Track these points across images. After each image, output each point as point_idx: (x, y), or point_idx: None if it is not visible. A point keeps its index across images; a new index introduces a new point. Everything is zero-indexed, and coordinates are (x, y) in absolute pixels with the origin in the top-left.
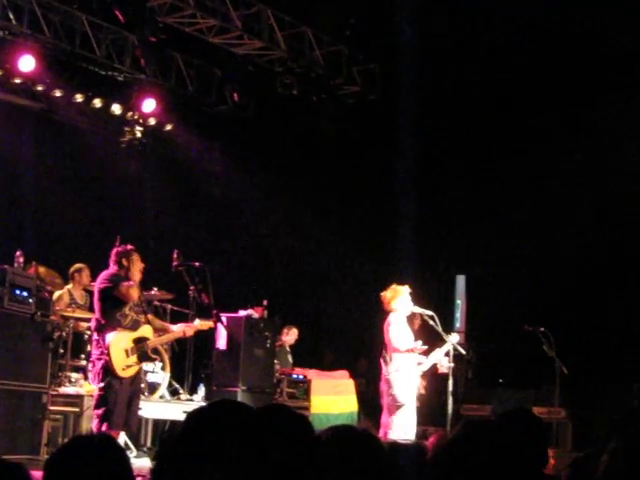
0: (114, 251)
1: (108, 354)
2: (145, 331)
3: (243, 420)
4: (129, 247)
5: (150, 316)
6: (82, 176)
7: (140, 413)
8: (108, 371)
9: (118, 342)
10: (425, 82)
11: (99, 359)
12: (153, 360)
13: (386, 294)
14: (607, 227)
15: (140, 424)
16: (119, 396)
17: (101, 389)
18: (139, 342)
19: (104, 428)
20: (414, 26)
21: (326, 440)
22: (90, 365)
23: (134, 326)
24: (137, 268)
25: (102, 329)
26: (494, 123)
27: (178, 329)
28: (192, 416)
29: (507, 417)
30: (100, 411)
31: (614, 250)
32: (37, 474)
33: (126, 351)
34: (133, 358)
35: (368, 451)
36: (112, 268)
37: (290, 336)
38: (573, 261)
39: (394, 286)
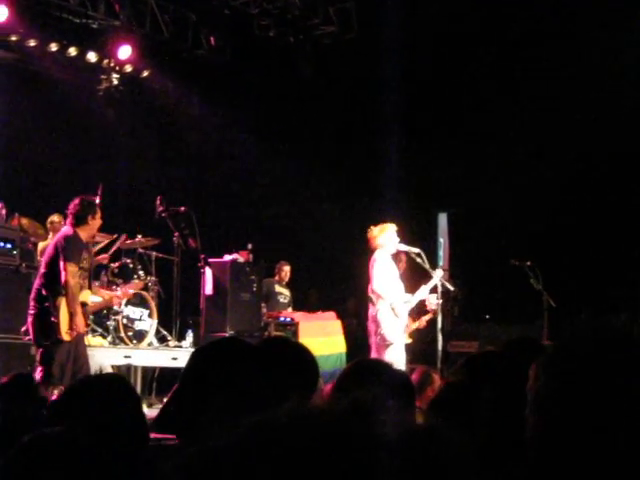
0: (77, 203)
1: (57, 316)
2: (85, 296)
3: (247, 351)
4: (93, 199)
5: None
6: (60, 126)
7: (129, 361)
8: (53, 332)
9: (65, 306)
10: (403, 16)
11: (43, 315)
12: (88, 326)
13: (373, 230)
14: (590, 159)
15: (129, 372)
16: (61, 357)
17: (44, 348)
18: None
19: (47, 386)
20: None
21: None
22: (30, 319)
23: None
24: (98, 224)
25: (54, 289)
26: (478, 58)
27: (107, 297)
28: (198, 352)
29: (513, 347)
30: (43, 367)
31: (598, 181)
32: None
33: (70, 315)
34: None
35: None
36: (71, 229)
37: (285, 272)
38: (557, 193)
39: (382, 224)
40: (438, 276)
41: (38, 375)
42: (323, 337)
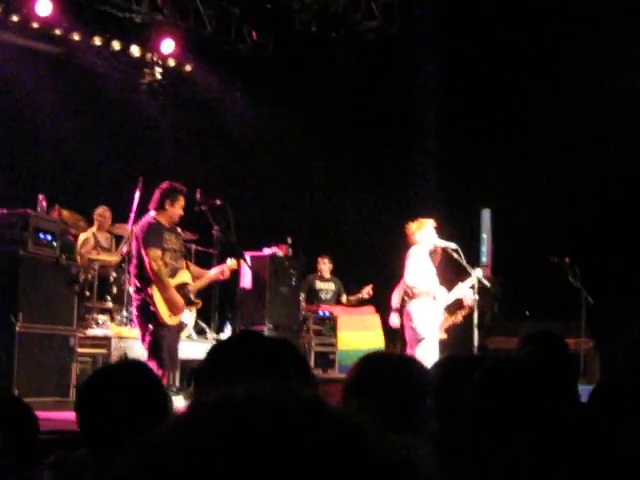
0: (160, 188)
1: (154, 303)
2: (184, 276)
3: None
4: (178, 187)
5: (188, 263)
6: (102, 119)
7: None
8: (155, 320)
9: (160, 291)
10: (446, 14)
11: (144, 306)
12: (195, 304)
13: (411, 225)
14: (632, 156)
15: None
16: (168, 342)
17: (151, 336)
18: (180, 288)
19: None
20: None
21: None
22: (134, 311)
23: (173, 273)
24: (178, 212)
25: (145, 278)
26: (519, 54)
27: (216, 271)
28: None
29: (531, 340)
30: (154, 359)
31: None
32: (67, 415)
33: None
34: None
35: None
36: (150, 216)
37: (325, 266)
38: (598, 191)
39: (420, 219)
40: (476, 275)
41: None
42: (361, 331)
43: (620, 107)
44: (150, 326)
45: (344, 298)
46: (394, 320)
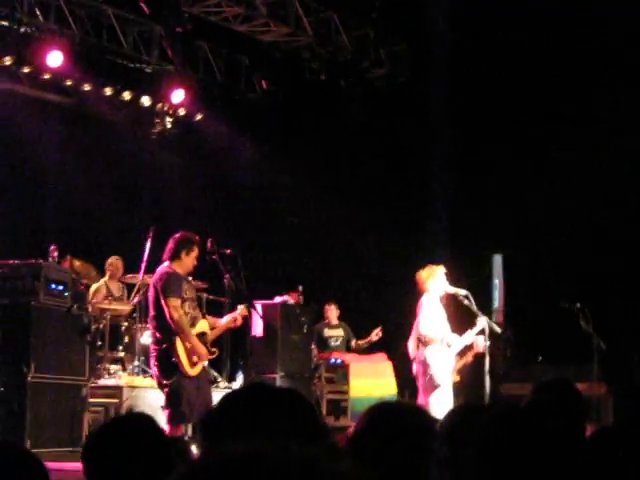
0: (174, 238)
1: (176, 354)
2: (203, 326)
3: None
4: (192, 237)
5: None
6: (114, 169)
7: None
8: (177, 370)
9: (183, 342)
10: (455, 60)
11: (164, 358)
12: (213, 354)
13: (422, 274)
14: None
15: None
16: (189, 393)
17: (170, 388)
18: (200, 337)
19: (177, 425)
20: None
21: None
22: (153, 362)
23: (193, 323)
24: (193, 262)
25: (166, 329)
26: (528, 101)
27: (228, 319)
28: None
29: (543, 388)
30: (170, 409)
31: None
32: (79, 465)
33: (189, 349)
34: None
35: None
36: (166, 266)
37: (331, 312)
38: (609, 235)
39: (430, 266)
40: (483, 322)
41: (166, 417)
42: (374, 378)
43: (632, 154)
44: (170, 377)
45: (354, 342)
46: None
